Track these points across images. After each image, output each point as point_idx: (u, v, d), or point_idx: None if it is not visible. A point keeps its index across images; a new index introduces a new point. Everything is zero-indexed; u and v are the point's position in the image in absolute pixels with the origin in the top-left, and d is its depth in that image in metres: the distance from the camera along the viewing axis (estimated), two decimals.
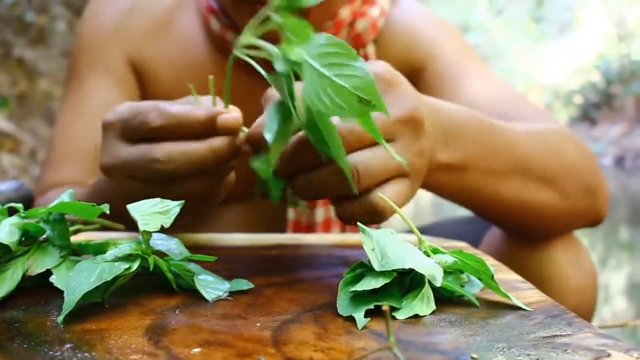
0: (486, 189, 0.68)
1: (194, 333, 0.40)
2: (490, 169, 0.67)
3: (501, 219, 0.74)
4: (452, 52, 0.92)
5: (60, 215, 0.49)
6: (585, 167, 0.76)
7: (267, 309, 0.45)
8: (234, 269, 0.55)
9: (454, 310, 0.46)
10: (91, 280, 0.43)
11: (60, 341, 0.38)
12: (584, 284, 0.81)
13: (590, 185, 0.76)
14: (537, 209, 0.73)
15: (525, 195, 0.71)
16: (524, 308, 0.46)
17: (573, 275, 0.80)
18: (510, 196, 0.70)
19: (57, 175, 0.88)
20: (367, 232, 0.46)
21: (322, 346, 0.38)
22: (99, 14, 0.95)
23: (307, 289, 0.50)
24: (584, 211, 0.77)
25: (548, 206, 0.73)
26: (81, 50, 0.94)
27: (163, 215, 0.48)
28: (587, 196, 0.76)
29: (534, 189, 0.71)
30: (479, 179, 0.66)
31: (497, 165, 0.68)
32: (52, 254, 0.48)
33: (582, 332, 0.42)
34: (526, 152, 0.71)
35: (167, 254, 0.49)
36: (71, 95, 0.93)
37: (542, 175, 0.72)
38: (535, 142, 0.73)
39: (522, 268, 0.71)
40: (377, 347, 0.38)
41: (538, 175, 0.72)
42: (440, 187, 0.65)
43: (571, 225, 0.79)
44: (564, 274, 0.79)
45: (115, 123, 0.58)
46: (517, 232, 0.79)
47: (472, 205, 0.71)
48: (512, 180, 0.70)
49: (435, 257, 0.48)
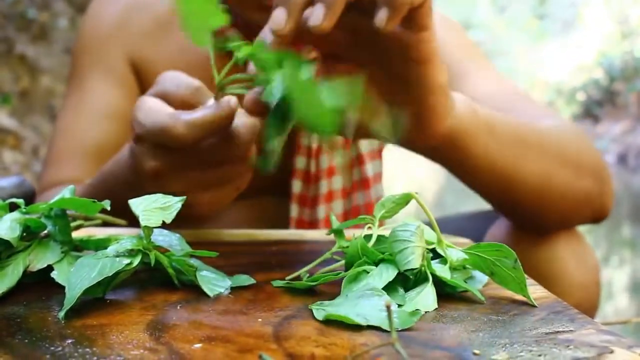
0: (514, 158, 0.69)
1: (195, 329, 0.40)
2: (515, 136, 0.69)
3: (527, 198, 0.74)
4: (456, 49, 0.91)
5: (62, 211, 0.49)
6: (594, 155, 0.78)
7: (269, 305, 0.45)
8: (235, 265, 0.55)
9: (457, 306, 0.45)
10: (92, 275, 0.42)
11: (61, 336, 0.38)
12: (588, 281, 0.81)
13: (598, 172, 0.78)
14: (557, 187, 0.74)
15: (547, 172, 0.72)
16: (534, 304, 0.46)
17: (577, 272, 0.80)
18: (534, 169, 0.71)
19: (58, 174, 0.88)
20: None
21: (323, 342, 0.38)
22: (102, 11, 0.95)
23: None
24: (594, 197, 0.77)
25: (566, 185, 0.74)
26: (83, 48, 0.94)
27: (164, 211, 0.48)
28: (596, 182, 0.77)
29: (554, 167, 0.73)
30: (509, 143, 0.68)
31: (520, 135, 0.70)
32: (54, 249, 0.48)
33: (585, 328, 0.42)
34: (543, 136, 0.73)
35: (168, 249, 0.49)
36: (73, 93, 0.93)
37: (560, 155, 0.73)
38: (549, 130, 0.75)
39: (526, 264, 0.71)
40: (379, 342, 0.38)
41: (556, 154, 0.73)
42: (475, 143, 0.65)
43: (580, 212, 0.79)
44: (568, 270, 0.79)
45: (144, 136, 0.58)
46: (531, 219, 0.78)
47: (498, 177, 0.70)
48: (535, 153, 0.71)
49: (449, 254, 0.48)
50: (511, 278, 0.47)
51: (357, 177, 0.91)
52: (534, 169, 0.71)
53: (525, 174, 0.70)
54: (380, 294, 0.42)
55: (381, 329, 0.40)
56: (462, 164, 0.67)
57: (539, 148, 0.72)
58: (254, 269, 0.53)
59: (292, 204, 0.89)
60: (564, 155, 0.74)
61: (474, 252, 0.48)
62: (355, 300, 0.42)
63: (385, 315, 0.40)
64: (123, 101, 0.91)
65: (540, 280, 0.67)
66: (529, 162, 0.70)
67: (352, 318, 0.40)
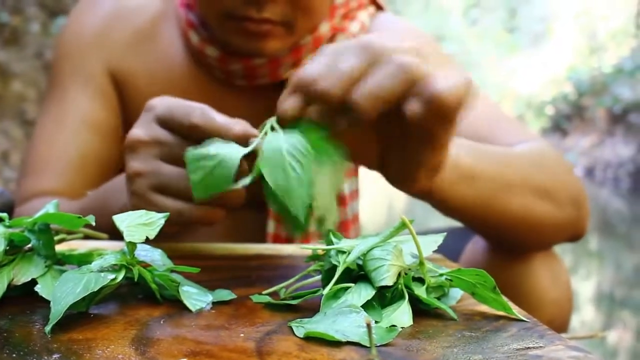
0: (495, 200, 0.70)
1: (179, 343, 0.41)
2: (496, 180, 0.70)
3: (505, 231, 0.75)
4: None
5: (46, 225, 0.50)
6: (571, 181, 0.80)
7: (250, 320, 0.46)
8: (215, 279, 0.56)
9: (432, 323, 0.47)
10: (77, 290, 0.43)
11: (48, 351, 0.39)
12: (561, 297, 0.83)
13: (576, 198, 0.79)
14: (538, 220, 0.75)
15: (528, 207, 0.73)
16: (524, 319, 0.48)
17: (551, 288, 0.82)
18: (515, 207, 0.72)
19: (38, 184, 0.88)
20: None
21: (304, 357, 0.39)
22: (82, 20, 0.95)
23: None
24: (573, 222, 0.79)
25: (546, 218, 0.76)
26: (63, 57, 0.94)
27: (148, 227, 0.49)
28: (574, 208, 0.79)
29: (535, 201, 0.74)
30: (488, 187, 0.69)
31: (501, 178, 0.71)
32: (37, 263, 0.49)
33: (554, 344, 0.43)
34: (523, 168, 0.74)
35: (150, 264, 0.50)
36: (52, 102, 0.93)
37: (540, 189, 0.75)
38: (528, 159, 0.76)
39: (502, 280, 0.73)
40: (357, 358, 0.39)
41: (536, 189, 0.74)
42: (455, 195, 0.66)
43: (559, 237, 0.81)
44: (543, 287, 0.81)
45: (158, 107, 0.60)
46: (510, 244, 0.80)
47: (481, 218, 0.72)
48: (516, 192, 0.72)
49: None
50: (492, 298, 0.49)
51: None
52: (514, 205, 0.72)
53: (505, 211, 0.72)
54: (358, 310, 0.44)
55: (360, 345, 0.41)
56: (441, 209, 0.69)
57: (519, 184, 0.73)
58: (234, 283, 0.54)
59: (269, 220, 0.90)
60: (544, 188, 0.75)
61: (455, 275, 0.50)
62: (334, 317, 0.44)
63: (363, 331, 0.41)
64: (103, 112, 0.91)
65: (515, 296, 0.69)
66: (510, 200, 0.72)
67: (332, 334, 0.42)
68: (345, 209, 0.93)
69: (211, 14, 0.82)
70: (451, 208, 0.68)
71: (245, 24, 0.79)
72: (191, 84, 0.90)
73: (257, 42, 0.81)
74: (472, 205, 0.68)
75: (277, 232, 0.89)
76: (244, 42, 0.82)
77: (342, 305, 0.45)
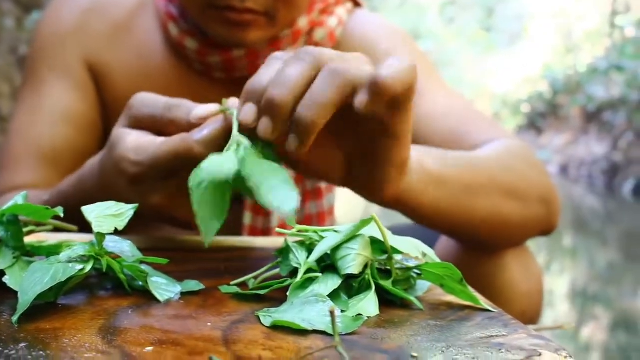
0: (463, 202, 0.70)
1: (146, 332, 0.41)
2: (463, 183, 0.70)
3: (474, 232, 0.76)
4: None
5: (14, 217, 0.50)
6: (540, 180, 0.80)
7: (218, 310, 0.47)
8: (185, 271, 0.56)
9: (399, 313, 0.48)
10: (45, 280, 0.43)
11: (14, 340, 0.39)
12: (533, 290, 0.84)
13: (545, 196, 0.79)
14: (506, 220, 0.75)
15: (495, 208, 0.73)
16: (490, 309, 0.49)
17: (523, 281, 0.83)
18: (483, 209, 0.72)
19: (14, 179, 0.87)
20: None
21: (270, 345, 0.40)
22: (60, 13, 0.94)
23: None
24: (541, 220, 0.80)
25: (514, 217, 0.76)
26: (40, 50, 0.93)
27: (117, 217, 0.49)
28: (542, 206, 0.79)
29: (502, 201, 0.74)
30: (457, 190, 0.69)
31: (468, 180, 0.71)
32: (5, 255, 0.49)
33: (517, 333, 0.44)
34: (489, 169, 0.74)
35: (119, 255, 0.50)
36: (28, 96, 0.92)
37: (507, 189, 0.75)
38: (495, 160, 0.76)
39: (475, 275, 0.74)
40: (323, 346, 0.40)
41: (503, 189, 0.74)
42: (425, 201, 0.66)
43: (529, 234, 0.82)
44: (514, 280, 0.82)
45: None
46: (480, 244, 0.81)
47: (451, 221, 0.72)
48: (483, 193, 0.72)
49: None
50: (460, 290, 0.50)
51: (310, 187, 0.93)
52: (483, 206, 0.73)
53: (475, 213, 0.72)
54: (324, 300, 0.44)
55: (326, 334, 0.42)
56: (409, 215, 0.69)
57: (488, 185, 0.73)
58: (203, 275, 0.55)
59: (245, 212, 0.90)
60: (513, 187, 0.76)
61: (423, 268, 0.50)
62: (300, 306, 0.44)
63: (329, 320, 0.42)
64: (80, 104, 0.91)
65: (487, 289, 0.70)
66: (479, 202, 0.72)
67: (298, 323, 0.42)
68: (322, 201, 0.93)
69: (193, 4, 0.82)
70: (422, 214, 0.68)
71: (228, 13, 0.79)
72: (170, 77, 0.90)
73: (238, 32, 0.81)
74: (443, 210, 0.69)
75: (254, 224, 0.90)
76: (226, 32, 0.82)
77: (309, 295, 0.45)
